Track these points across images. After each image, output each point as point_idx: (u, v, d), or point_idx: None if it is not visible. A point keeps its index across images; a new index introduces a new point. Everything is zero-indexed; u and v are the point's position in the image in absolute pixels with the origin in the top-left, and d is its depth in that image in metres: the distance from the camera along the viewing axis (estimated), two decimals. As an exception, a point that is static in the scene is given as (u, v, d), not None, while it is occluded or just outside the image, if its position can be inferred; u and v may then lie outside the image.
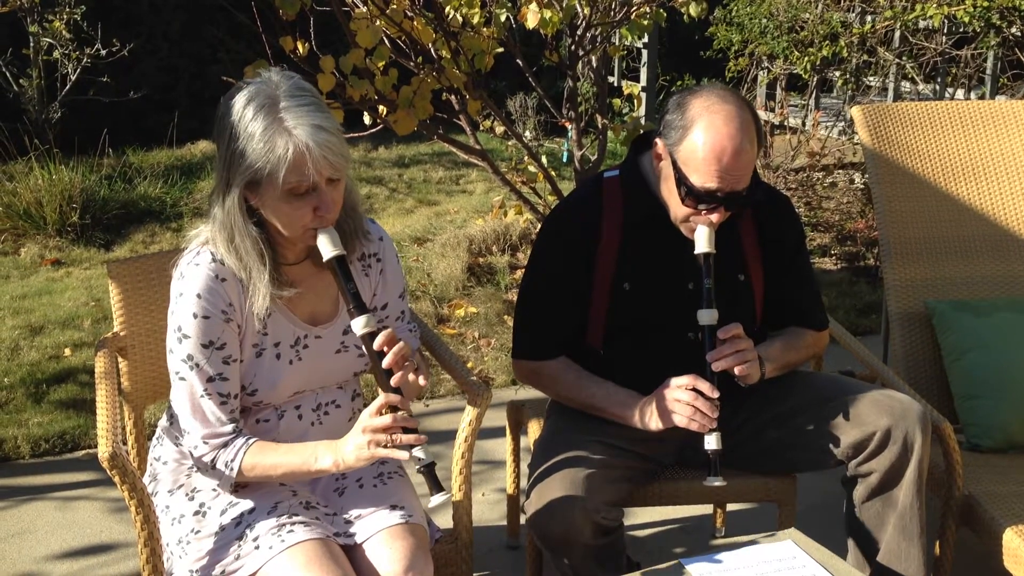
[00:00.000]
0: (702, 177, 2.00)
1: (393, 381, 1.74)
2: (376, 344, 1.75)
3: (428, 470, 1.71)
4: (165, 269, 2.12)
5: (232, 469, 1.81)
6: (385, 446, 1.72)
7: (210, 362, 1.81)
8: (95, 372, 2.10)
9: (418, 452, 1.71)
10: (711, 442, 2.01)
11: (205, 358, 1.80)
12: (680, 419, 2.03)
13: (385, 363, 1.74)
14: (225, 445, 1.82)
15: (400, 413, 1.72)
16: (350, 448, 1.76)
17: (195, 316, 1.80)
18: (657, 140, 2.09)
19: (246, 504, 1.87)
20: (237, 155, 1.72)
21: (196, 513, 1.90)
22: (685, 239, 2.09)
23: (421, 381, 1.83)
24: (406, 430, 1.72)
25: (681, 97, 2.06)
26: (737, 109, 2.00)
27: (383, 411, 1.73)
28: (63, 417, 3.53)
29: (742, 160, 1.99)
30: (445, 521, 2.14)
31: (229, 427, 1.83)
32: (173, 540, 1.89)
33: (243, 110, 1.72)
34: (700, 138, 1.99)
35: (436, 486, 1.71)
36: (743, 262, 2.20)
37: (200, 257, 1.83)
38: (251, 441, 1.83)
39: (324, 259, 1.78)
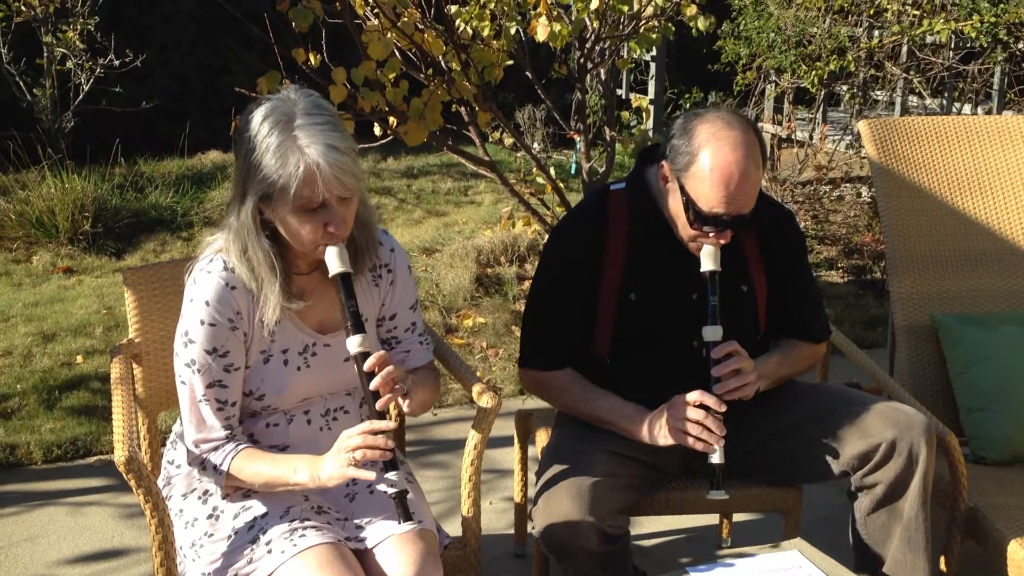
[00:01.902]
0: (710, 203, 2.03)
1: (378, 404, 1.79)
2: (367, 365, 1.79)
3: (399, 498, 1.77)
4: (179, 277, 2.15)
5: (220, 473, 1.87)
6: (357, 465, 1.76)
7: (212, 368, 1.85)
8: (111, 378, 2.13)
9: (392, 476, 1.76)
10: (715, 456, 2.03)
11: (207, 364, 1.85)
12: (686, 439, 2.05)
13: (372, 385, 1.79)
14: (215, 449, 1.88)
15: (380, 436, 1.76)
16: (327, 465, 1.81)
17: (202, 323, 1.84)
18: (664, 163, 2.11)
19: (259, 508, 1.90)
20: (252, 169, 1.76)
21: (209, 516, 1.92)
22: (689, 250, 2.12)
23: (405, 408, 1.87)
24: (389, 452, 1.76)
25: (687, 121, 2.08)
26: (742, 134, 2.03)
27: (364, 433, 1.77)
28: (75, 423, 3.56)
29: (748, 185, 2.02)
30: (454, 528, 2.16)
31: (222, 432, 1.88)
32: (187, 543, 1.91)
33: (260, 125, 1.76)
34: (707, 165, 2.01)
35: (405, 515, 1.77)
36: (746, 273, 2.23)
37: (213, 264, 1.87)
38: (240, 447, 1.88)
39: (330, 275, 1.82)
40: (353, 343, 1.80)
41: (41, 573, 2.78)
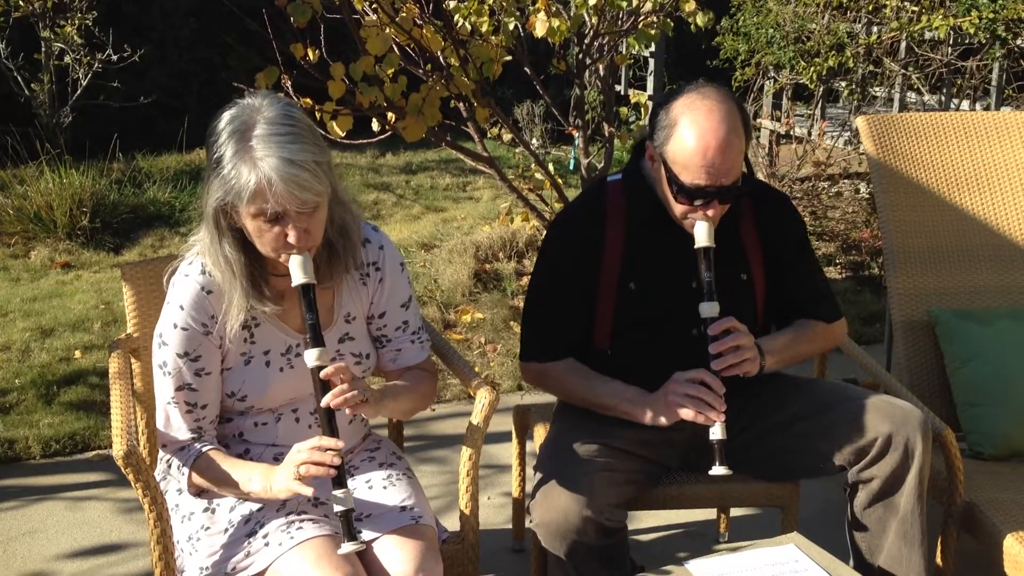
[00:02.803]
0: (691, 174, 2.02)
1: (330, 400, 1.77)
2: (322, 375, 1.78)
3: (344, 517, 1.76)
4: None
5: (183, 473, 1.89)
6: (303, 481, 1.76)
7: (182, 372, 1.87)
8: (109, 372, 2.13)
9: (339, 494, 1.76)
10: (716, 432, 2.02)
11: (178, 367, 1.86)
12: (687, 412, 2.05)
13: (324, 401, 1.78)
14: (180, 449, 1.91)
15: (327, 453, 1.75)
16: (279, 477, 1.80)
17: (175, 326, 1.86)
18: (647, 143, 2.12)
19: (255, 501, 1.90)
20: (212, 173, 1.76)
21: (206, 510, 1.93)
22: (687, 239, 2.11)
23: (360, 413, 1.87)
24: (335, 469, 1.75)
25: (666, 99, 2.09)
26: (719, 103, 2.02)
27: (312, 449, 1.76)
28: (73, 418, 3.56)
29: (729, 152, 2.00)
30: (452, 523, 2.16)
31: (187, 435, 1.90)
32: (183, 537, 1.92)
33: (220, 131, 1.75)
34: (685, 135, 2.01)
35: (349, 534, 1.76)
36: (745, 261, 2.23)
37: (191, 268, 1.87)
38: (205, 449, 1.90)
39: (292, 284, 1.80)
40: (311, 356, 1.80)
41: (40, 567, 2.78)
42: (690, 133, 2.00)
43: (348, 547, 1.75)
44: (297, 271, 1.78)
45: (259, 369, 1.91)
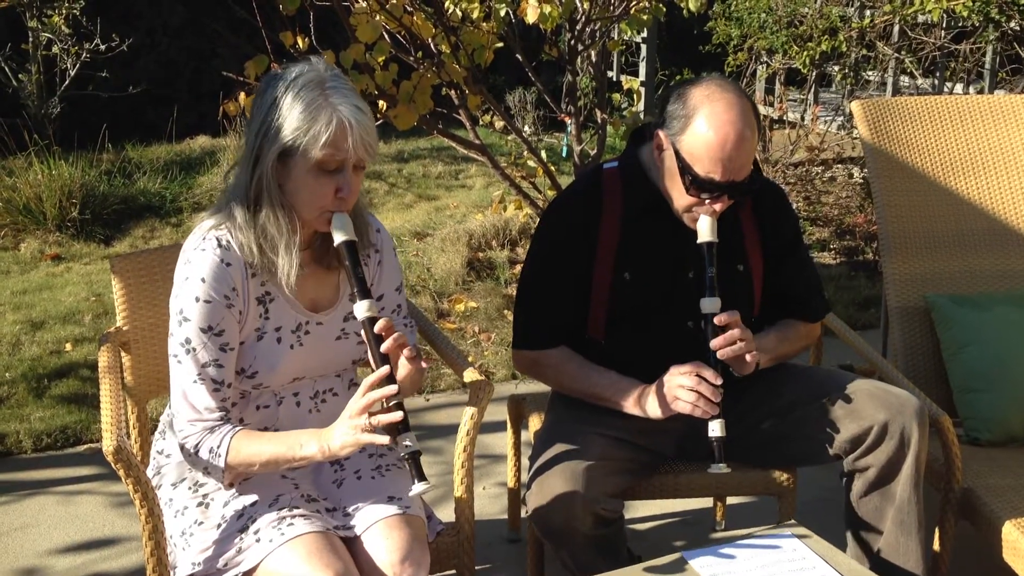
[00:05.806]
0: (706, 166, 2.01)
1: (390, 366, 1.75)
2: (376, 328, 1.77)
3: (412, 458, 1.73)
4: (167, 264, 2.13)
5: (219, 456, 1.81)
6: (371, 430, 1.72)
7: (207, 347, 1.82)
8: (98, 366, 2.11)
9: (405, 439, 1.72)
10: (715, 429, 2.01)
11: (202, 343, 1.82)
12: (684, 406, 2.03)
13: (383, 347, 1.76)
14: (211, 431, 1.83)
15: (389, 394, 1.72)
16: (337, 434, 1.77)
17: (197, 300, 1.82)
18: (659, 131, 2.09)
19: (248, 497, 1.89)
20: (275, 126, 1.77)
21: (199, 505, 1.91)
22: (685, 228, 2.10)
23: (423, 364, 1.85)
24: (395, 411, 1.72)
25: (681, 88, 2.08)
26: (737, 97, 2.02)
27: (370, 391, 1.73)
28: (64, 412, 3.54)
29: (744, 148, 2.00)
30: (447, 514, 2.15)
31: (217, 414, 1.84)
32: (176, 532, 1.90)
33: (290, 84, 1.78)
34: (703, 127, 2.00)
35: (418, 475, 1.73)
36: (742, 252, 2.21)
37: (206, 243, 1.85)
38: (237, 428, 1.85)
39: (335, 242, 1.81)
40: (361, 308, 1.79)
41: (32, 563, 2.77)
42: (709, 124, 1.99)
43: (419, 488, 1.72)
44: (340, 229, 1.81)
45: (270, 345, 1.90)
